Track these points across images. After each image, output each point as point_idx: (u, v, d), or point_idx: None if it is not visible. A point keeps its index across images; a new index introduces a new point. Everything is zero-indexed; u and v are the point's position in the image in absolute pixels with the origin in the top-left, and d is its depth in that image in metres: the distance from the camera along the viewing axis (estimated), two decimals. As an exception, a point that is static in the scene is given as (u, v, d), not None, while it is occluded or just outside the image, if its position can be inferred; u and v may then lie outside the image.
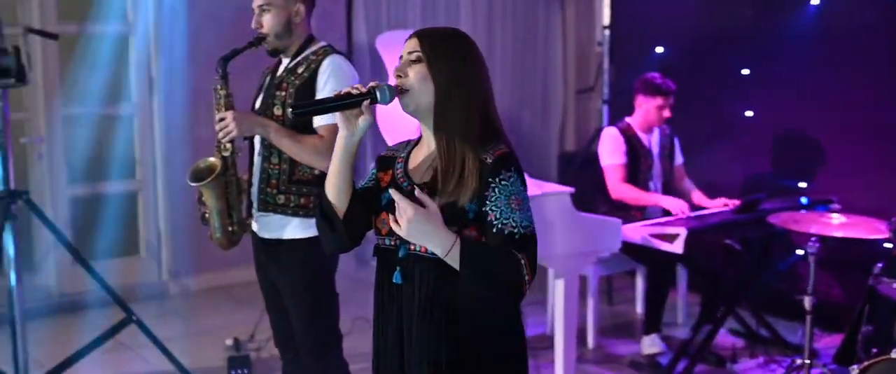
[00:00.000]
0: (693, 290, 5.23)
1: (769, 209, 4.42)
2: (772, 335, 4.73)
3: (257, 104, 3.20)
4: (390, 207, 2.09)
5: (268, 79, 3.21)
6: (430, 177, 2.14)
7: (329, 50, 3.11)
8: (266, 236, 3.15)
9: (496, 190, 2.06)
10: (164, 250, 5.76)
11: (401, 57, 2.17)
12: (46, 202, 5.21)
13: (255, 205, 3.13)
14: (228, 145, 3.09)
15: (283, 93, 3.05)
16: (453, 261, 2.01)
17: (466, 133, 2.09)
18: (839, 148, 5.01)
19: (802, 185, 5.12)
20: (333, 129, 2.91)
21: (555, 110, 7.35)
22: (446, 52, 2.13)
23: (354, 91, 2.10)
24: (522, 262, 2.03)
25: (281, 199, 3.06)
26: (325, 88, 2.99)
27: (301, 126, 3.02)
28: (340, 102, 2.10)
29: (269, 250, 3.16)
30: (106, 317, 4.51)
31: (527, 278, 2.03)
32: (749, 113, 5.43)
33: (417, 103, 2.13)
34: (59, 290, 5.39)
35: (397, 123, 2.24)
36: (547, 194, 3.91)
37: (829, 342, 4.61)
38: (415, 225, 2.00)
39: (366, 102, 2.10)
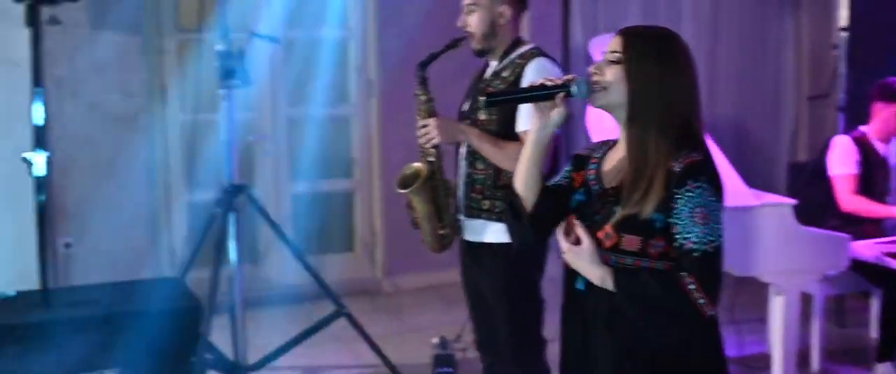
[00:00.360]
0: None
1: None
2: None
3: (465, 107, 3.21)
4: (579, 209, 2.09)
5: (475, 82, 3.22)
6: (617, 182, 2.07)
7: (536, 52, 3.07)
8: (470, 238, 3.16)
9: (681, 201, 1.96)
10: (378, 248, 5.93)
11: (604, 54, 2.09)
12: (270, 198, 5.47)
13: (461, 210, 3.14)
14: (433, 151, 3.09)
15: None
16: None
17: (659, 140, 2.00)
18: None
19: None
20: None
21: (785, 118, 6.98)
22: (649, 55, 2.03)
23: (549, 83, 2.05)
24: (689, 284, 1.93)
25: (486, 204, 3.06)
26: None
27: (504, 131, 3.00)
28: (534, 93, 2.07)
29: (473, 252, 3.17)
30: (323, 309, 4.70)
31: (699, 299, 1.93)
32: None
33: (607, 101, 2.05)
34: (281, 281, 5.63)
35: (605, 123, 2.17)
36: (766, 204, 3.75)
37: None
38: (568, 256, 2.08)
39: (560, 95, 2.04)
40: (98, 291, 4.04)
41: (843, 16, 5.91)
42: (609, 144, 2.21)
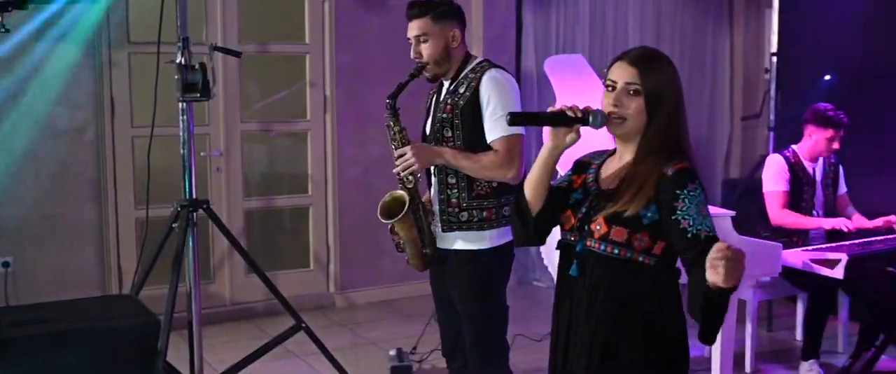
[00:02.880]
0: (855, 319, 5.07)
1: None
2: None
3: (427, 129, 3.29)
4: (576, 207, 2.32)
5: (433, 102, 3.30)
6: (615, 186, 2.30)
7: (486, 65, 3.17)
8: (441, 246, 3.23)
9: (686, 200, 2.19)
10: (332, 263, 6.00)
11: (611, 82, 2.28)
12: (222, 214, 5.46)
13: (439, 226, 3.21)
14: (411, 178, 3.15)
15: (449, 114, 3.14)
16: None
17: (661, 152, 2.24)
18: None
19: None
20: (507, 141, 3.05)
21: (721, 136, 7.27)
22: (663, 85, 2.27)
23: (570, 113, 2.24)
24: None
25: (463, 216, 3.15)
26: (490, 104, 3.07)
27: (473, 145, 3.11)
28: (554, 119, 2.24)
29: (443, 259, 3.24)
30: (275, 326, 4.72)
31: None
32: None
33: (627, 130, 2.27)
34: (232, 299, 5.70)
35: (590, 139, 2.36)
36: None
37: None
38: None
39: (577, 124, 2.24)
40: (49, 309, 3.89)
41: (773, 41, 6.18)
42: (608, 153, 2.44)
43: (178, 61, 3.87)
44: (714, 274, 1.95)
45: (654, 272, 2.26)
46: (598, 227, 2.26)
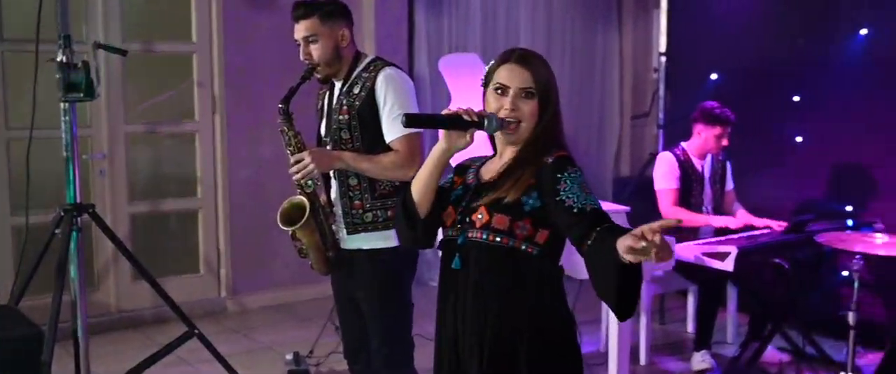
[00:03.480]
0: (743, 310, 5.26)
1: (816, 230, 4.45)
2: (817, 353, 4.73)
3: (322, 131, 3.24)
4: (457, 202, 2.34)
5: (325, 104, 3.24)
6: (496, 178, 2.31)
7: (380, 64, 3.13)
8: (345, 247, 3.18)
9: (568, 181, 2.20)
10: (223, 267, 5.87)
11: (501, 85, 2.27)
12: (107, 218, 5.20)
13: (343, 229, 3.15)
14: (310, 183, 3.09)
15: (346, 116, 3.09)
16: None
17: (543, 145, 2.27)
18: (886, 172, 5.14)
19: (849, 208, 5.22)
20: (407, 140, 3.02)
21: (611, 135, 7.40)
22: (551, 83, 2.29)
23: (466, 117, 2.22)
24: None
25: (368, 217, 3.11)
26: (387, 103, 3.04)
27: (372, 146, 3.07)
28: (450, 122, 2.23)
29: (347, 260, 3.19)
30: (164, 333, 4.57)
31: None
32: (799, 139, 5.56)
33: (519, 136, 2.28)
34: (118, 306, 5.50)
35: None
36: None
37: (872, 359, 4.70)
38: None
39: (472, 128, 2.23)
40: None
41: (662, 42, 6.33)
42: (488, 157, 2.44)
43: (59, 60, 3.71)
44: (638, 257, 1.91)
45: (537, 263, 2.26)
46: (479, 216, 2.26)
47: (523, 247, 2.24)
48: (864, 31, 5.18)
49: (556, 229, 2.23)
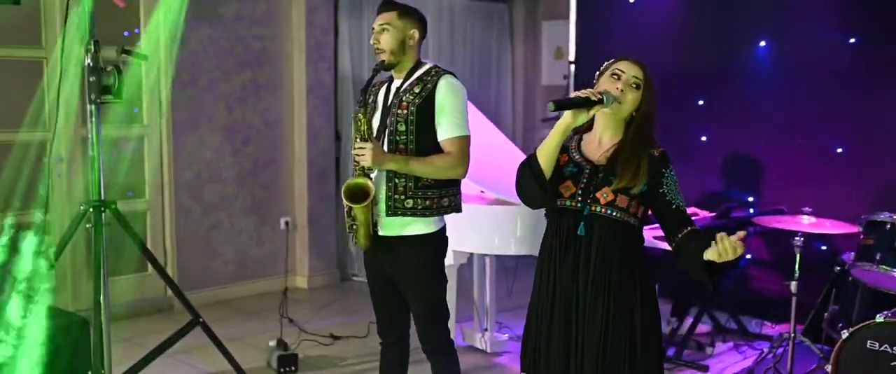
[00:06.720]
0: (664, 296, 5.67)
1: (741, 217, 5.16)
2: (737, 326, 5.50)
3: (375, 123, 3.50)
4: (574, 178, 2.80)
5: (381, 98, 3.53)
6: (607, 162, 2.80)
7: (440, 71, 3.46)
8: (388, 233, 3.44)
9: (669, 179, 2.79)
10: (169, 266, 5.99)
11: (619, 71, 2.81)
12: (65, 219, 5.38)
13: (382, 211, 3.43)
14: (370, 170, 3.37)
15: (405, 111, 3.38)
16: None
17: (646, 138, 2.79)
18: (781, 167, 5.76)
19: (750, 199, 5.87)
20: (459, 142, 3.37)
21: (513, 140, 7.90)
22: (653, 86, 2.83)
23: (593, 97, 2.71)
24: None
25: (409, 203, 3.38)
26: (445, 106, 3.37)
27: (423, 142, 3.38)
28: (584, 102, 2.70)
29: (389, 246, 3.45)
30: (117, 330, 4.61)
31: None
32: (703, 138, 6.17)
33: (620, 111, 2.79)
34: (75, 307, 5.48)
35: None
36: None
37: (780, 329, 5.31)
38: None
39: (597, 105, 2.71)
40: None
41: (571, 50, 6.87)
42: (579, 136, 2.92)
43: (87, 63, 3.88)
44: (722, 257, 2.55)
45: (638, 232, 2.82)
46: (604, 195, 2.75)
47: (631, 221, 2.77)
48: (762, 43, 5.78)
49: (649, 208, 2.79)
